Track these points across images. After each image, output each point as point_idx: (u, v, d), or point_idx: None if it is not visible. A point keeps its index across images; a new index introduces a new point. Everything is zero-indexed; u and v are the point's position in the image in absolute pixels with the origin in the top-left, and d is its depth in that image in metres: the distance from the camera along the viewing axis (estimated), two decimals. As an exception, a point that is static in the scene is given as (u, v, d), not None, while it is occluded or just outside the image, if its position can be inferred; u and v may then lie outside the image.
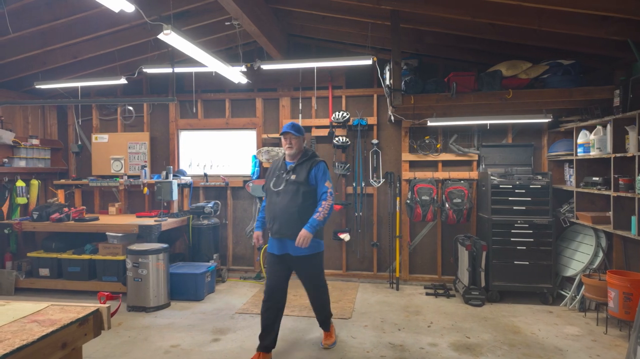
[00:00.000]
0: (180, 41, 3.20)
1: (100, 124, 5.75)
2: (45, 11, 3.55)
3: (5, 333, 1.25)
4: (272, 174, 3.13)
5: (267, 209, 3.10)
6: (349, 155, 5.17)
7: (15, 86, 5.08)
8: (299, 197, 2.95)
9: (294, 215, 2.94)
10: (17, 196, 5.07)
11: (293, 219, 2.94)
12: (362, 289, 4.87)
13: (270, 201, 3.07)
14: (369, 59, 4.02)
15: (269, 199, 3.08)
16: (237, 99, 5.45)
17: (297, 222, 2.92)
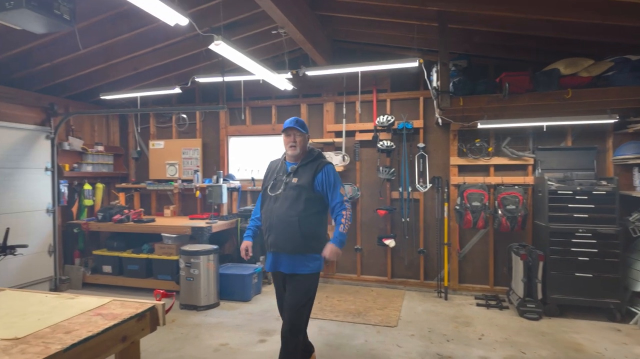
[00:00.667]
0: (230, 51, 3.33)
1: (157, 132, 6.13)
2: (109, 27, 3.85)
3: (75, 324, 1.36)
4: (269, 177, 2.72)
5: (263, 217, 2.67)
6: (393, 159, 5.09)
7: (84, 98, 5.56)
8: (300, 204, 2.48)
9: (294, 225, 2.46)
10: (85, 198, 5.53)
11: (291, 230, 2.47)
12: (408, 297, 4.76)
13: (266, 207, 2.63)
14: (415, 61, 3.95)
15: (266, 205, 2.64)
16: (283, 105, 5.57)
17: (296, 234, 2.46)
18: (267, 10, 3.16)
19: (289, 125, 2.61)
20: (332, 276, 5.32)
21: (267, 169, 2.81)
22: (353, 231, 5.27)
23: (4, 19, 2.04)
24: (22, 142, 4.76)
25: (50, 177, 5.08)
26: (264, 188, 2.70)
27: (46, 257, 5.03)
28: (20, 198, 4.71)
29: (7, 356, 1.10)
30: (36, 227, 4.89)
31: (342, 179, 5.22)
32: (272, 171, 2.74)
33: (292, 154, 2.64)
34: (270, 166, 2.80)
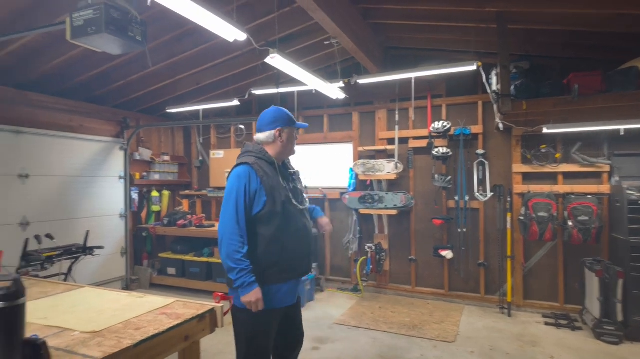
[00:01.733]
0: (284, 63, 3.44)
1: (217, 142, 6.46)
2: (175, 46, 4.16)
3: (143, 321, 1.47)
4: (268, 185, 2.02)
5: (271, 243, 2.01)
6: (450, 167, 4.90)
7: (152, 112, 6.03)
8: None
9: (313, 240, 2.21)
10: (153, 204, 5.97)
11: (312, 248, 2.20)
12: (467, 312, 4.52)
13: (296, 224, 2.08)
14: (473, 64, 3.80)
15: (294, 222, 2.07)
16: (335, 114, 5.62)
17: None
18: (320, 22, 3.22)
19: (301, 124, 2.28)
20: (385, 287, 5.22)
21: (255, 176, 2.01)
22: (407, 241, 5.14)
23: (87, 42, 2.29)
24: (100, 153, 5.27)
25: (123, 184, 5.55)
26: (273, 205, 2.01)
27: (119, 258, 5.49)
28: (98, 204, 5.20)
29: (85, 348, 1.22)
30: (111, 231, 5.36)
31: (395, 187, 5.15)
32: (268, 178, 2.04)
33: (290, 154, 2.25)
34: (258, 172, 2.02)
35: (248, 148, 2.17)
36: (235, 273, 1.90)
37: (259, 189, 1.99)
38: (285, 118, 2.18)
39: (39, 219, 4.45)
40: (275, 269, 2.00)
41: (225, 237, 1.93)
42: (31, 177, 4.44)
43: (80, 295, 1.83)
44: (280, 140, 2.15)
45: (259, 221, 2.01)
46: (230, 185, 2.02)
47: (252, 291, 1.89)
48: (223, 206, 2.01)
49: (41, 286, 2.01)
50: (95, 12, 2.15)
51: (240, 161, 2.07)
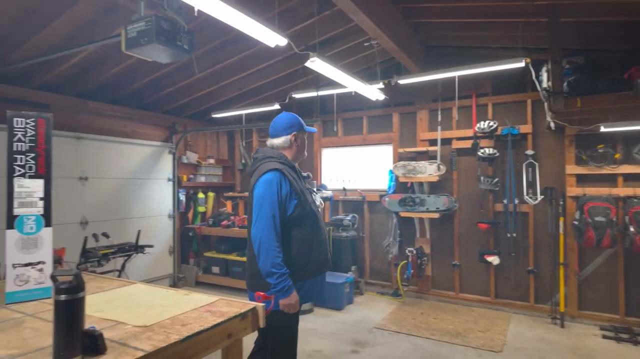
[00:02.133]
0: (324, 66, 3.47)
1: (259, 145, 6.62)
2: (220, 53, 4.32)
3: (189, 318, 1.53)
4: (297, 188, 2.12)
5: (302, 243, 2.10)
6: (496, 168, 4.70)
7: (198, 117, 6.30)
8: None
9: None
10: (199, 205, 6.23)
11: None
12: (515, 321, 4.30)
13: (315, 225, 2.17)
14: (521, 61, 3.61)
15: (312, 222, 2.14)
16: (374, 116, 5.57)
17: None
18: (360, 24, 3.22)
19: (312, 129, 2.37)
20: (427, 292, 5.08)
21: (286, 181, 2.09)
22: (450, 245, 4.98)
23: (139, 52, 2.44)
24: (150, 157, 5.58)
25: (171, 186, 5.84)
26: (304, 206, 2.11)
27: (167, 257, 5.77)
28: (148, 205, 5.50)
29: (137, 341, 1.29)
30: (160, 231, 5.65)
31: (437, 189, 5.01)
32: (296, 182, 2.14)
33: (302, 158, 2.33)
34: (287, 177, 2.11)
35: (268, 154, 2.20)
36: (275, 277, 1.96)
37: (290, 193, 2.06)
38: (298, 123, 2.27)
39: (96, 219, 4.79)
40: (307, 267, 2.10)
41: (263, 244, 1.98)
42: (90, 179, 4.79)
43: (132, 291, 1.94)
44: (296, 144, 2.24)
45: (291, 223, 2.08)
46: (262, 191, 2.04)
47: (291, 295, 1.98)
48: (256, 212, 2.03)
49: (98, 281, 2.16)
50: (147, 23, 2.28)
51: (268, 168, 2.10)
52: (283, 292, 1.97)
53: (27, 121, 1.76)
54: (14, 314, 1.58)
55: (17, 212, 1.72)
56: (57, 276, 1.18)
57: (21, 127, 1.74)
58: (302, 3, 3.61)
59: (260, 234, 1.99)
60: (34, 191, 1.76)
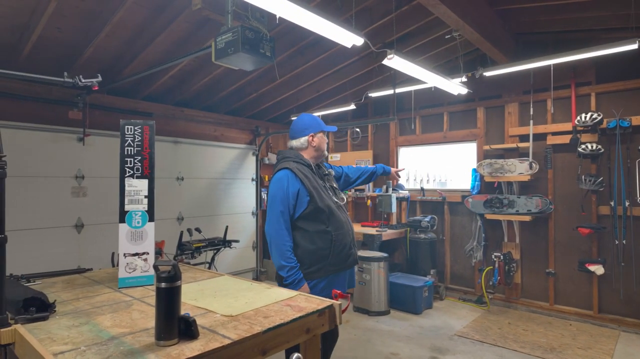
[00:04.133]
0: (402, 63, 3.38)
1: (334, 145, 6.72)
2: (298, 59, 4.47)
3: (270, 311, 1.61)
4: (309, 186, 2.19)
5: (321, 237, 2.16)
6: (601, 166, 4.14)
7: (279, 120, 6.59)
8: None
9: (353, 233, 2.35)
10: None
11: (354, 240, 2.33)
12: (624, 340, 3.75)
13: (338, 220, 2.22)
14: (634, 42, 3.13)
15: (335, 218, 2.21)
16: (456, 111, 5.28)
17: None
18: (441, 17, 3.08)
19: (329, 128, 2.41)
20: (515, 301, 4.68)
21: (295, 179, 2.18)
22: (543, 251, 4.52)
23: (227, 62, 2.63)
24: (237, 159, 5.99)
25: (254, 186, 6.20)
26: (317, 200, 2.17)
27: (250, 251, 6.14)
28: (235, 203, 5.91)
29: (224, 329, 1.39)
30: (244, 227, 6.03)
31: (529, 189, 4.59)
32: (308, 180, 2.21)
33: (322, 155, 2.39)
34: (298, 175, 2.20)
35: (285, 154, 2.35)
36: (286, 270, 2.08)
37: (300, 190, 2.15)
38: (314, 124, 2.36)
39: (190, 215, 5.29)
40: (328, 260, 2.16)
41: (273, 238, 2.11)
42: (185, 179, 5.30)
43: (220, 282, 2.11)
44: (312, 144, 2.34)
45: (306, 219, 2.17)
46: (272, 189, 2.19)
47: (302, 287, 2.08)
48: (268, 210, 2.18)
49: (191, 272, 2.38)
50: (233, 34, 2.46)
51: (280, 167, 2.24)
52: (294, 284, 2.07)
53: (135, 128, 2.01)
54: (125, 297, 1.81)
55: (127, 209, 1.97)
56: (159, 266, 1.33)
57: (130, 134, 2.00)
58: (379, 0, 3.57)
59: (270, 229, 2.13)
60: (140, 189, 2.00)
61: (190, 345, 1.26)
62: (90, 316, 1.53)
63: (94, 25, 3.33)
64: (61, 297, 1.79)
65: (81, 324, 1.44)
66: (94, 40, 3.47)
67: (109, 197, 4.37)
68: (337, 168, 2.62)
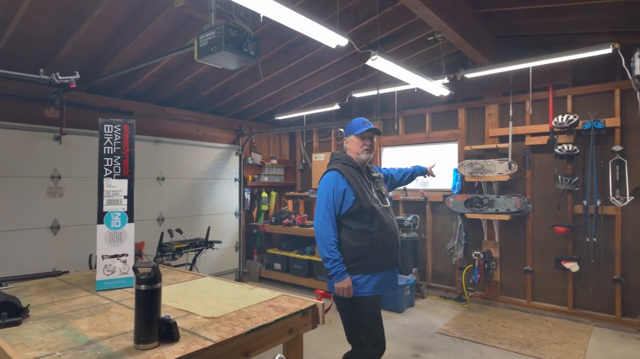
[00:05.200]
0: (385, 64, 3.41)
1: (319, 145, 6.72)
2: (282, 58, 4.45)
3: (253, 311, 1.60)
4: (356, 186, 2.28)
5: (363, 236, 2.24)
6: (577, 166, 4.27)
7: (262, 119, 6.55)
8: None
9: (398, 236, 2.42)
10: (262, 204, 6.48)
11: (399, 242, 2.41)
12: (597, 334, 3.88)
13: (381, 222, 2.28)
14: (608, 47, 3.25)
15: (379, 220, 2.27)
16: (438, 112, 5.36)
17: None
18: (424, 18, 3.12)
19: (371, 126, 2.41)
20: (494, 299, 4.78)
21: (342, 179, 2.29)
22: (521, 250, 4.64)
23: (209, 60, 2.60)
24: (219, 158, 5.93)
25: (237, 186, 6.15)
26: (360, 202, 2.25)
27: (233, 252, 6.09)
28: (217, 203, 5.85)
29: (206, 331, 1.38)
30: (227, 227, 5.97)
31: (508, 189, 4.70)
32: (354, 180, 2.30)
33: (366, 159, 2.42)
34: (345, 175, 2.30)
35: (336, 156, 2.49)
36: (330, 262, 2.21)
37: (347, 190, 2.27)
38: (349, 128, 2.49)
39: (171, 216, 5.20)
40: (370, 259, 2.24)
41: (320, 233, 2.24)
42: (166, 179, 5.21)
43: (202, 283, 2.08)
44: (348, 147, 2.48)
45: (351, 217, 2.27)
46: (321, 188, 2.33)
47: (344, 280, 2.19)
48: (317, 207, 2.32)
49: (172, 274, 2.34)
50: (216, 32, 2.43)
51: (329, 168, 2.40)
52: (337, 276, 2.19)
53: (115, 127, 1.96)
54: (103, 300, 1.77)
55: (106, 209, 1.93)
56: (138, 268, 1.31)
57: (110, 133, 1.95)
58: (363, 1, 3.58)
59: (317, 224, 2.27)
60: (119, 189, 1.96)
61: (170, 348, 1.24)
62: (66, 320, 1.49)
63: (72, 21, 3.24)
64: (35, 301, 1.73)
65: (56, 328, 1.41)
66: (73, 36, 3.38)
67: (87, 198, 4.26)
68: (384, 170, 2.77)
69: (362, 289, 2.24)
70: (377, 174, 2.52)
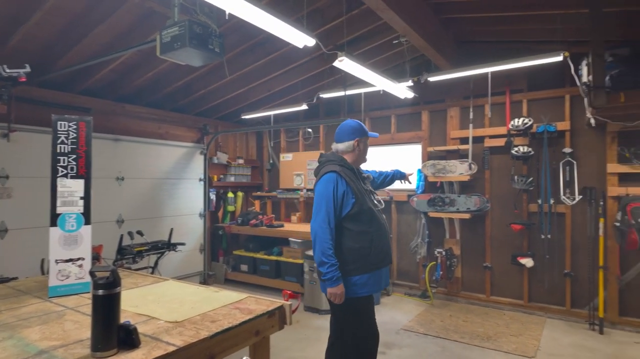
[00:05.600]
0: (352, 65, 3.45)
1: (286, 145, 6.69)
2: (249, 56, 4.39)
3: (218, 314, 1.57)
4: (355, 188, 2.30)
5: (362, 237, 2.27)
6: (531, 167, 4.52)
7: (229, 118, 6.43)
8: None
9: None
10: (228, 205, 6.37)
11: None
12: (549, 325, 4.12)
13: (378, 223, 2.33)
14: (559, 55, 3.46)
15: (376, 221, 2.32)
16: (403, 114, 5.49)
17: None
18: (389, 22, 3.18)
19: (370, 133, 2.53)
20: (456, 294, 4.96)
21: (342, 181, 2.28)
22: (481, 247, 4.84)
23: (173, 57, 2.53)
24: (183, 158, 5.76)
25: (202, 186, 6.00)
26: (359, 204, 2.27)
27: (198, 254, 5.94)
28: (180, 204, 5.68)
29: (169, 336, 1.34)
30: (191, 229, 5.82)
31: (468, 189, 4.89)
32: (353, 183, 2.32)
33: (364, 161, 2.53)
34: (344, 177, 2.30)
35: (329, 157, 2.44)
36: (326, 266, 2.17)
37: (346, 192, 2.26)
38: (361, 130, 2.46)
39: (131, 217, 5.00)
40: (368, 259, 2.27)
41: (318, 235, 2.20)
42: (126, 179, 5.00)
43: (165, 287, 2.02)
44: (358, 149, 2.44)
45: (350, 219, 2.27)
46: (320, 190, 2.28)
47: (338, 286, 2.17)
48: (315, 209, 2.27)
49: (133, 278, 2.25)
50: (180, 28, 2.36)
51: (327, 169, 2.33)
52: (332, 281, 2.16)
53: (70, 124, 1.86)
54: (56, 307, 1.68)
55: (60, 211, 1.82)
56: (96, 272, 1.25)
57: (64, 130, 1.85)
58: (330, 3, 3.61)
59: (316, 226, 2.23)
60: (75, 190, 1.86)
61: (130, 354, 1.19)
62: (14, 330, 1.40)
63: (23, 10, 3.04)
64: (-20, 310, 1.61)
65: (4, 339, 1.31)
66: (23, 27, 3.16)
67: (38, 199, 4.00)
68: (365, 172, 2.69)
69: (361, 289, 2.26)
70: (366, 175, 2.54)
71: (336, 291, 2.17)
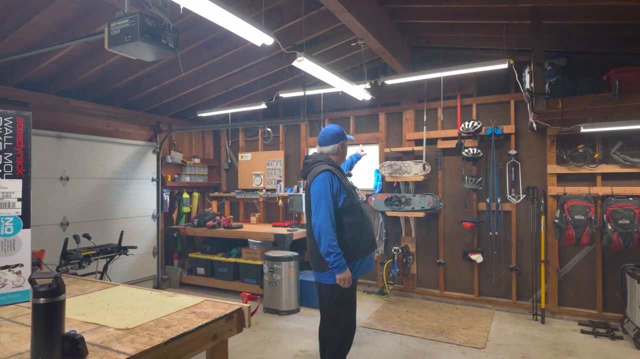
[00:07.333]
0: (311, 66, 3.46)
1: (245, 145, 6.58)
2: (206, 52, 4.27)
3: (173, 319, 1.51)
4: (346, 185, 2.60)
5: (362, 225, 2.57)
6: (480, 168, 4.77)
7: (184, 116, 6.22)
8: None
9: None
10: (183, 206, 6.15)
11: None
12: (497, 317, 4.38)
13: (363, 214, 2.62)
14: (505, 62, 3.69)
15: (360, 212, 2.59)
16: (361, 116, 5.60)
17: None
18: (347, 24, 3.22)
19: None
20: (412, 290, 5.13)
21: (335, 179, 2.55)
22: (435, 244, 5.04)
23: (123, 50, 2.39)
24: (134, 157, 5.48)
25: (155, 187, 5.75)
26: (350, 199, 2.54)
27: (151, 258, 5.68)
28: (132, 205, 5.41)
29: (119, 344, 1.27)
30: (143, 231, 5.56)
31: (423, 189, 5.07)
32: (343, 179, 2.62)
33: (343, 162, 2.85)
34: (336, 175, 2.57)
35: (317, 158, 2.68)
36: (333, 256, 2.41)
37: (340, 189, 2.53)
38: (343, 134, 2.74)
39: (77, 220, 4.69)
40: (360, 246, 2.53)
41: (323, 229, 2.43)
42: (71, 179, 4.68)
43: (115, 293, 1.91)
44: (342, 151, 2.74)
45: (343, 213, 2.52)
46: (319, 188, 2.49)
47: (345, 271, 2.43)
48: (315, 205, 2.48)
49: (79, 284, 2.11)
50: (131, 21, 2.24)
51: (320, 169, 2.56)
52: (339, 268, 2.41)
53: (5, 119, 1.71)
54: (-10, 318, 1.53)
55: (-6, 214, 1.67)
56: (36, 279, 1.16)
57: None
58: (289, 2, 3.59)
59: (320, 222, 2.44)
60: (11, 191, 1.71)
61: (76, 367, 1.11)
62: (-61, 346, 1.26)
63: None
64: None
65: None
66: (-53, 10, 2.87)
67: (-31, 201, 3.64)
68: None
69: (355, 273, 2.53)
70: (347, 172, 2.89)
71: (344, 276, 2.42)
